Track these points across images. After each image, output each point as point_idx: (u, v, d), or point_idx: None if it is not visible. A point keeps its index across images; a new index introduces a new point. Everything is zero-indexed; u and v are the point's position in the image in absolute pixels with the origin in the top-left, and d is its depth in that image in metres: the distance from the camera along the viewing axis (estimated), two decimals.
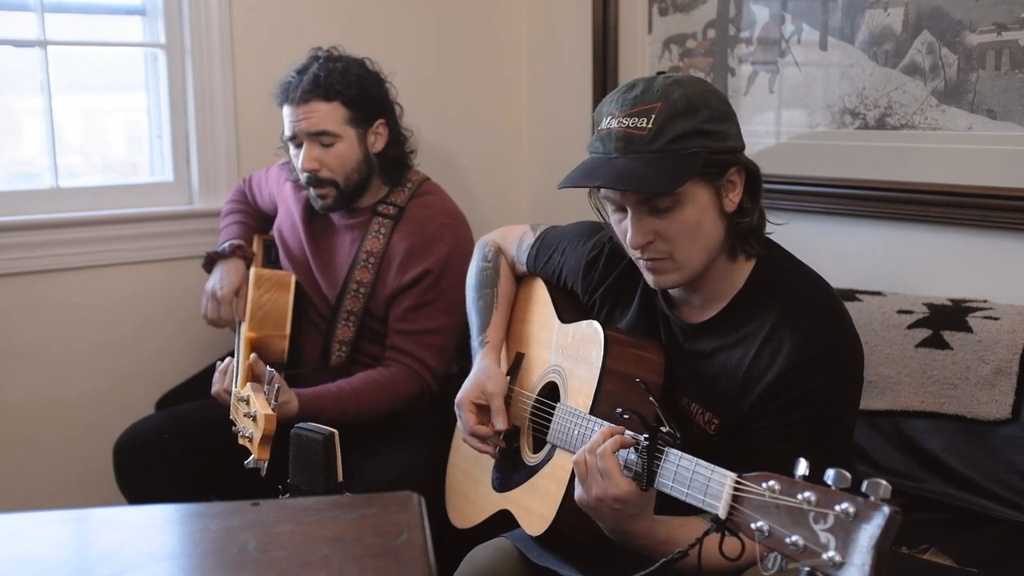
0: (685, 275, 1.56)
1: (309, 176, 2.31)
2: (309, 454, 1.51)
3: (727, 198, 1.54)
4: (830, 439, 1.51)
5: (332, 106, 2.28)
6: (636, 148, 1.49)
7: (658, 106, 1.49)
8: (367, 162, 2.35)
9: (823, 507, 1.09)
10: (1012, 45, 2.12)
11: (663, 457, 1.40)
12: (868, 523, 1.05)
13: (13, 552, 1.08)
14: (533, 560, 1.65)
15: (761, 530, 1.16)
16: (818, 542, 1.09)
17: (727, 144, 1.52)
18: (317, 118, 2.28)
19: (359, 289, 2.34)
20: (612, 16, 2.94)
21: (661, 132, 1.48)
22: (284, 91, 2.32)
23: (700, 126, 1.49)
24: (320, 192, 2.33)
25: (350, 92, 2.29)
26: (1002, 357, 2.02)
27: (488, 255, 2.05)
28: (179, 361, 2.78)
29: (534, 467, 1.77)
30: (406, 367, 2.30)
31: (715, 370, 1.58)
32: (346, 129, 2.30)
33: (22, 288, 2.62)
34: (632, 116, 1.50)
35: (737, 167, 1.54)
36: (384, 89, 2.41)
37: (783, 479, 1.16)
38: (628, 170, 1.48)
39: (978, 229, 2.24)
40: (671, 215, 1.51)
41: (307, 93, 2.28)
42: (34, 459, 2.68)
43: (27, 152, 2.78)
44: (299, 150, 2.32)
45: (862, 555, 1.05)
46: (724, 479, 1.26)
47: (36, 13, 2.61)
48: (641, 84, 1.53)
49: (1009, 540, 1.96)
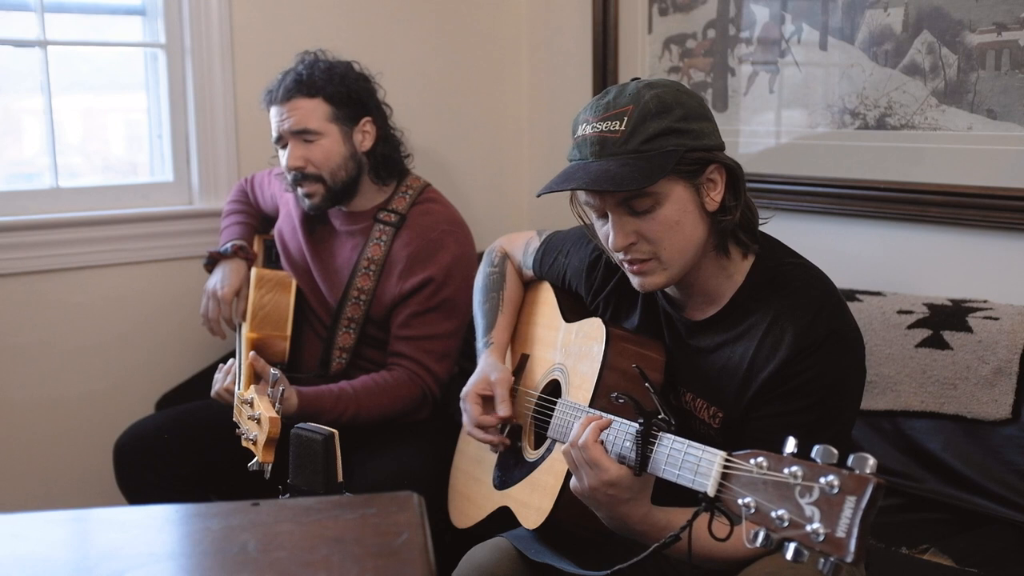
0: (671, 275, 1.57)
1: (295, 174, 2.32)
2: (309, 454, 1.51)
3: (708, 196, 1.55)
4: (832, 426, 1.52)
5: (314, 103, 2.29)
6: (611, 151, 1.51)
7: (630, 108, 1.51)
8: (354, 159, 2.34)
9: (809, 480, 1.11)
10: (1012, 45, 2.12)
11: (656, 442, 1.42)
12: (852, 495, 1.07)
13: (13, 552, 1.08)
14: (530, 557, 1.66)
15: (748, 506, 1.18)
16: (803, 515, 1.10)
17: (703, 142, 1.53)
18: (299, 115, 2.29)
19: (360, 296, 2.34)
20: (612, 16, 2.94)
21: (634, 133, 1.50)
22: (268, 92, 2.34)
23: (673, 125, 1.51)
24: (307, 191, 2.33)
25: (331, 88, 2.30)
26: (1002, 357, 2.02)
27: (495, 260, 2.07)
28: (179, 361, 2.78)
29: (534, 463, 1.78)
30: (408, 372, 2.29)
31: (719, 365, 1.59)
32: (329, 126, 2.31)
33: (22, 288, 2.62)
34: (605, 120, 1.52)
35: (716, 165, 1.55)
36: (370, 89, 2.40)
37: (771, 456, 1.17)
38: (603, 171, 1.50)
39: (978, 229, 2.24)
40: (651, 215, 1.53)
41: (289, 91, 2.29)
42: (34, 459, 2.68)
43: (27, 152, 2.78)
44: (286, 151, 2.32)
45: (846, 526, 1.06)
46: (714, 457, 1.28)
47: (36, 13, 2.61)
48: (614, 90, 1.56)
49: (1009, 540, 1.96)
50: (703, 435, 1.59)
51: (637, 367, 1.57)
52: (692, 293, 1.63)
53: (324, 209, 2.38)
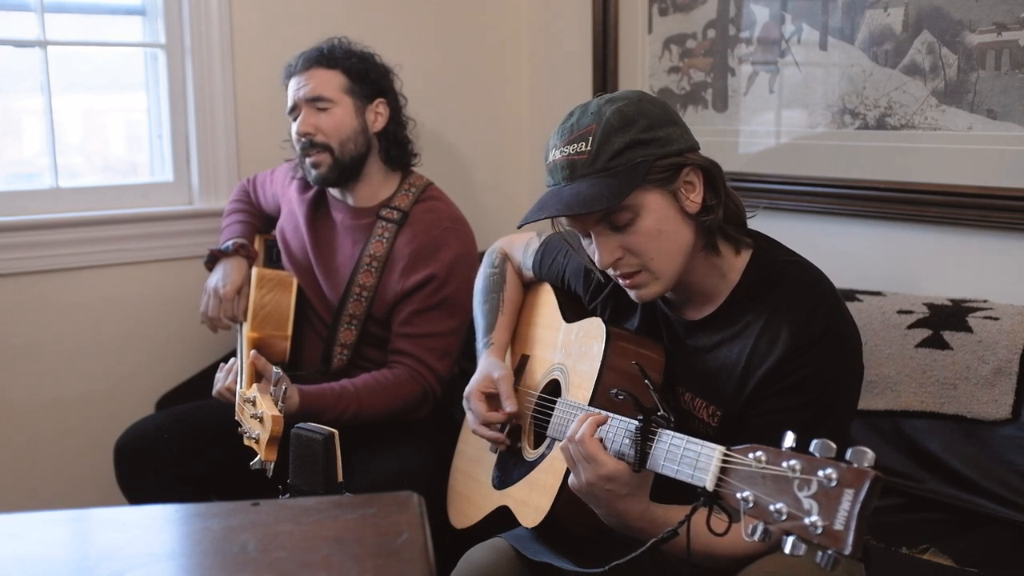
0: (664, 283, 1.58)
1: (304, 142, 2.33)
2: (309, 454, 1.51)
3: (687, 200, 1.55)
4: (829, 422, 1.52)
5: (332, 73, 2.34)
6: (580, 172, 1.52)
7: (593, 127, 1.52)
8: (364, 135, 2.35)
9: (807, 474, 1.11)
10: (1012, 45, 2.12)
11: (655, 438, 1.43)
12: (850, 488, 1.07)
13: (13, 552, 1.08)
14: (529, 557, 1.66)
15: (746, 499, 1.18)
16: (801, 508, 1.10)
17: (671, 147, 1.53)
18: (315, 83, 2.32)
19: (361, 293, 2.34)
20: (612, 16, 2.94)
21: (600, 151, 1.51)
22: (289, 66, 2.39)
23: (638, 136, 1.51)
24: (314, 160, 2.33)
25: (350, 63, 2.35)
26: (1002, 357, 2.03)
27: (495, 261, 2.07)
28: (179, 361, 2.78)
29: (533, 462, 1.78)
30: (410, 369, 2.29)
31: (716, 364, 1.60)
32: (343, 96, 2.33)
33: (22, 288, 2.62)
34: (572, 143, 1.54)
35: (690, 167, 1.55)
36: (389, 74, 2.44)
37: (770, 450, 1.18)
38: (574, 195, 1.51)
39: (978, 229, 2.24)
40: (632, 228, 1.53)
41: (309, 61, 2.35)
42: (34, 459, 2.68)
43: (27, 152, 2.78)
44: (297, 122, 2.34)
45: (844, 519, 1.06)
46: (713, 452, 1.29)
47: (36, 13, 2.61)
48: (577, 111, 1.57)
49: (1009, 540, 1.96)
50: (702, 434, 1.58)
51: (637, 364, 1.58)
52: (688, 294, 1.63)
53: (330, 183, 2.38)
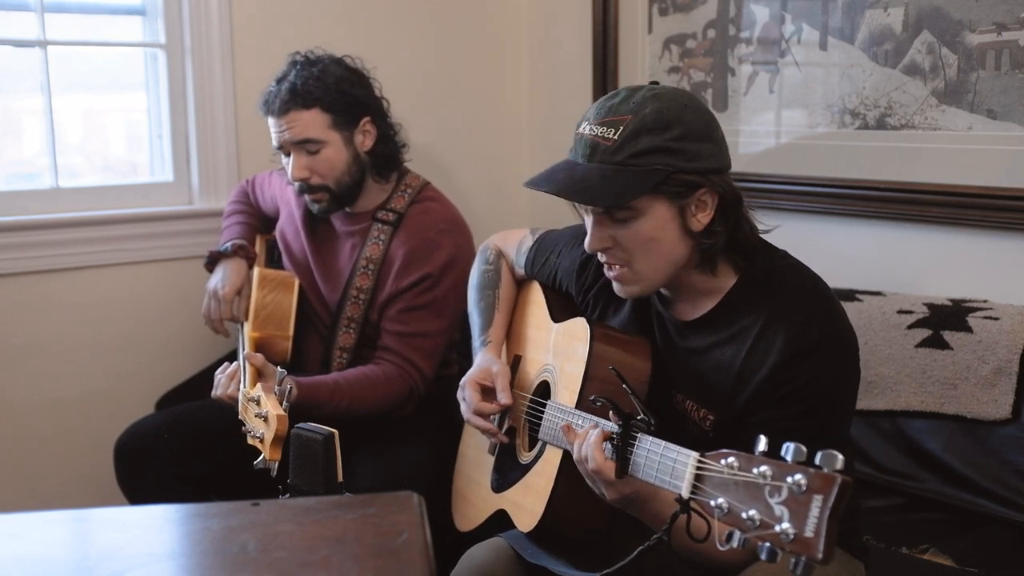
0: (644, 287, 1.58)
1: (301, 184, 2.32)
2: (309, 454, 1.51)
3: (694, 218, 1.53)
4: (826, 430, 1.51)
5: (312, 113, 2.27)
6: (599, 158, 1.51)
7: (628, 119, 1.50)
8: (357, 162, 2.34)
9: (777, 480, 1.11)
10: (1012, 45, 2.12)
11: (635, 444, 1.42)
12: (819, 493, 1.06)
13: (13, 552, 1.08)
14: (527, 559, 1.66)
15: (721, 507, 1.17)
16: (772, 515, 1.10)
17: (696, 164, 1.50)
18: (299, 127, 2.27)
19: (359, 296, 2.34)
20: (612, 16, 2.94)
21: (624, 145, 1.49)
22: (265, 103, 2.32)
23: (666, 144, 1.49)
24: (314, 198, 2.34)
25: (328, 97, 2.27)
26: (1002, 357, 2.03)
27: (490, 258, 2.06)
28: (179, 361, 2.78)
29: (527, 465, 1.78)
30: (398, 367, 2.29)
31: (709, 366, 1.58)
32: (330, 134, 2.29)
33: (22, 288, 2.62)
34: (603, 125, 1.52)
35: (708, 188, 1.52)
36: (366, 86, 2.37)
37: (741, 455, 1.17)
38: (582, 179, 1.50)
39: (978, 229, 2.24)
40: (628, 225, 1.53)
41: (285, 104, 2.26)
42: (34, 459, 2.68)
43: (27, 152, 2.78)
44: (289, 159, 2.32)
45: (814, 526, 1.06)
46: (687, 459, 1.28)
47: (36, 13, 2.61)
48: (623, 93, 1.55)
49: (1009, 540, 1.96)
50: (696, 437, 1.59)
51: (614, 369, 1.56)
52: (681, 292, 1.63)
53: (333, 212, 2.38)
